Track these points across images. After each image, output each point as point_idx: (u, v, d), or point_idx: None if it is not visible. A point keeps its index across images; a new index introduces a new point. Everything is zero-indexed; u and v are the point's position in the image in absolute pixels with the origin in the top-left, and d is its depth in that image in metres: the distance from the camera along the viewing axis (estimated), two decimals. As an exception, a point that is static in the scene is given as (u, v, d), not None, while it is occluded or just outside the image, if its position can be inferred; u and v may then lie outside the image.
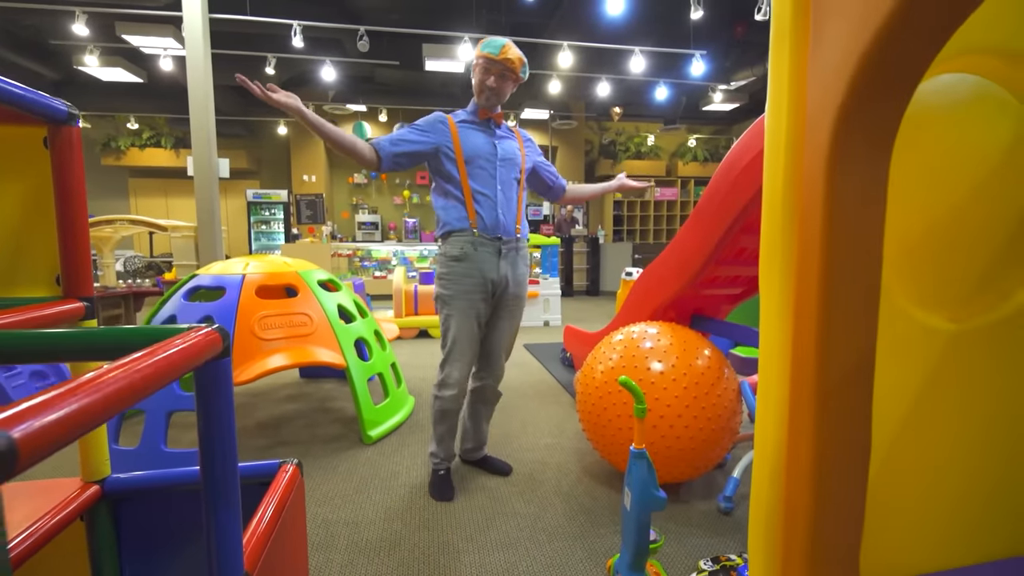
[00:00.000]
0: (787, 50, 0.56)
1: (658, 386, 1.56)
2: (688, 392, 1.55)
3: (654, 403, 1.54)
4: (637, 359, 1.64)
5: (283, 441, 2.31)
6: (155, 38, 5.52)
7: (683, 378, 1.57)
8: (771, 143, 0.59)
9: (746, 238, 1.70)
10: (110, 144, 8.58)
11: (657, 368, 1.59)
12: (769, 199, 0.60)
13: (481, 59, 1.58)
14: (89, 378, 0.44)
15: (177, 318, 2.08)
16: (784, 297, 0.58)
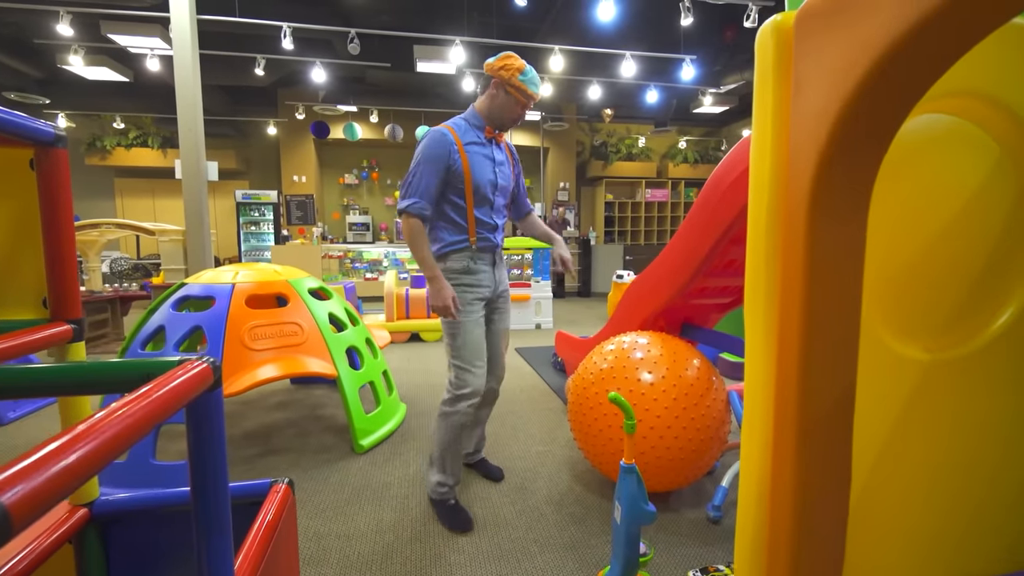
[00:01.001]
0: (770, 94, 0.57)
1: (648, 397, 1.58)
2: (678, 403, 1.57)
3: (644, 413, 1.56)
4: (628, 369, 1.66)
5: (273, 450, 2.30)
6: (142, 38, 5.44)
7: (673, 389, 1.59)
8: (755, 184, 0.61)
9: (735, 249, 1.72)
10: (95, 144, 8.45)
11: (647, 379, 1.61)
12: (753, 237, 0.61)
13: (519, 90, 1.59)
14: (82, 431, 0.43)
15: (166, 328, 2.06)
16: (767, 332, 0.59)
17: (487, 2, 5.35)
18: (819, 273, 0.54)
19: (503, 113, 1.64)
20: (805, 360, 0.54)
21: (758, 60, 0.59)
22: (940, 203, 0.67)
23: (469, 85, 6.11)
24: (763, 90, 0.58)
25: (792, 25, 0.54)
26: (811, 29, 0.52)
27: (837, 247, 0.54)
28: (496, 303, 1.81)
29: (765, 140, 0.57)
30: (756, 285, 0.61)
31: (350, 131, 7.88)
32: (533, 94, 1.60)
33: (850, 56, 0.47)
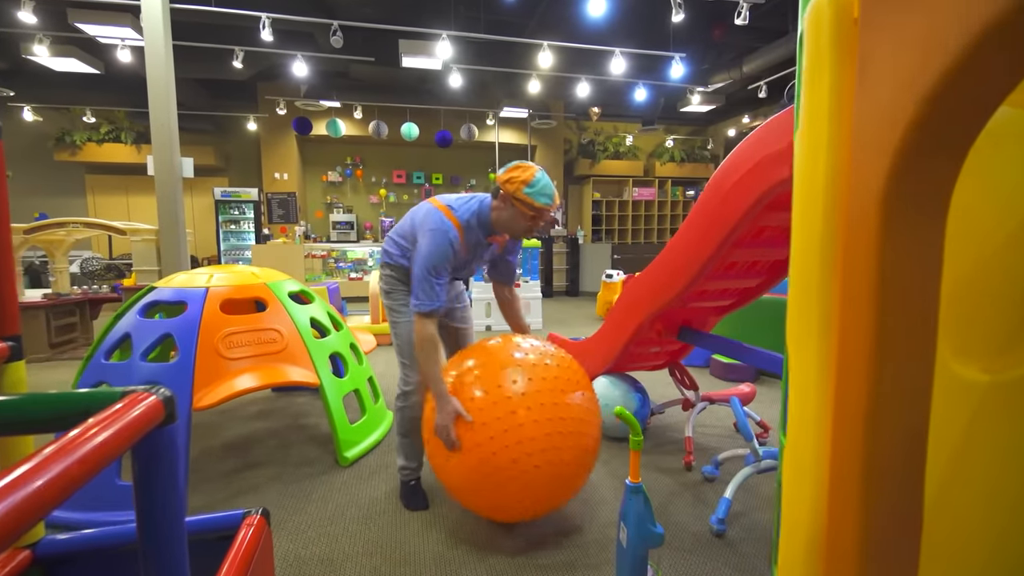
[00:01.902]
0: (825, 84, 0.48)
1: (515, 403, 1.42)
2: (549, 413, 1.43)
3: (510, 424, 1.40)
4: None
5: (252, 464, 2.17)
6: (112, 27, 5.19)
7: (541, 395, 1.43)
8: (804, 188, 0.52)
9: (737, 252, 1.65)
10: (64, 139, 8.10)
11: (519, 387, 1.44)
12: (802, 250, 0.52)
13: (525, 204, 1.50)
14: (9, 482, 0.36)
15: (132, 337, 1.92)
16: (822, 368, 0.50)
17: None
18: (891, 292, 0.45)
19: (512, 225, 1.58)
20: (874, 393, 0.46)
21: (809, 42, 0.51)
22: (1005, 209, 0.59)
23: (456, 81, 5.98)
24: (815, 79, 0.49)
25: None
26: (886, 3, 0.43)
27: (912, 263, 0.45)
28: (453, 313, 1.91)
29: (819, 138, 0.49)
30: (806, 306, 0.52)
31: (333, 127, 7.69)
32: (542, 207, 1.50)
33: (939, 36, 0.39)
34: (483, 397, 1.44)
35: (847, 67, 0.47)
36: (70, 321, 4.37)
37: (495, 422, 1.40)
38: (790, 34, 5.59)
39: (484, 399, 1.44)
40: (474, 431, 1.42)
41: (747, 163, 1.40)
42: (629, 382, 2.34)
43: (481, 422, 1.42)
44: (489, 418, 1.41)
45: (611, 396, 2.29)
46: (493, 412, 1.41)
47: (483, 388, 1.46)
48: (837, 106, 0.47)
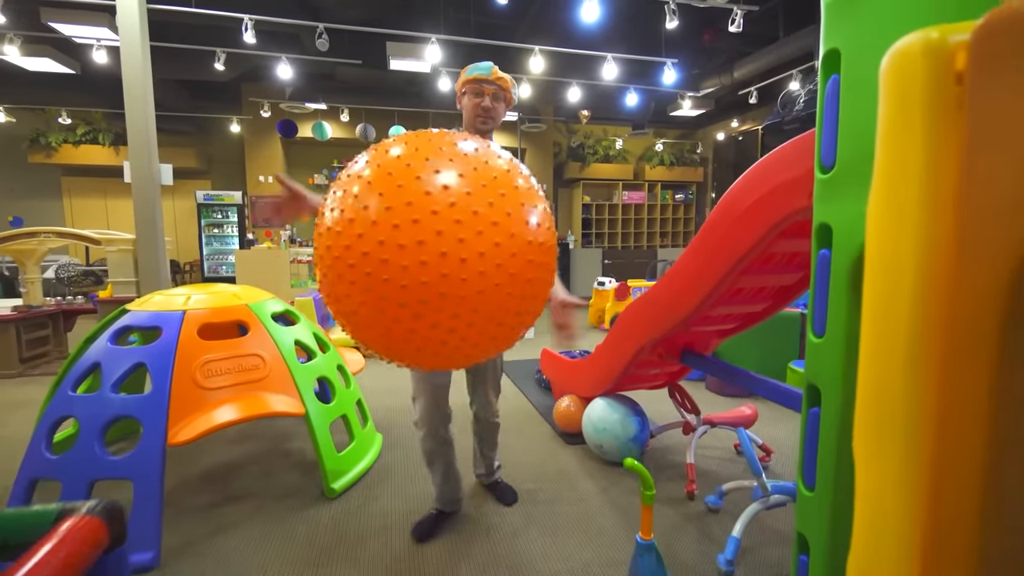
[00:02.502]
0: (918, 149, 0.40)
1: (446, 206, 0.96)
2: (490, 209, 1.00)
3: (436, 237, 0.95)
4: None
5: (233, 496, 2.05)
6: (87, 27, 5.00)
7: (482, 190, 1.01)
8: (883, 273, 0.44)
9: (745, 279, 1.58)
10: (39, 140, 7.82)
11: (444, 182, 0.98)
12: (878, 357, 0.44)
13: (470, 83, 1.53)
14: None
15: (102, 366, 1.79)
16: (906, 491, 0.42)
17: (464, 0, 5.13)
18: (1012, 431, 0.37)
19: (474, 112, 1.57)
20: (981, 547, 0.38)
21: (890, 95, 0.42)
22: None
23: (445, 84, 5.87)
24: (902, 141, 0.41)
25: (966, 47, 0.37)
26: (1009, 54, 0.35)
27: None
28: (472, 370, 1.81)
29: (907, 215, 0.41)
30: (884, 415, 0.44)
31: (319, 130, 7.53)
32: (478, 75, 1.52)
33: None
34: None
35: (947, 132, 0.38)
36: (42, 334, 4.17)
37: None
38: (781, 40, 5.58)
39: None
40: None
41: (761, 188, 1.33)
42: (628, 405, 2.26)
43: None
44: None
45: (609, 420, 2.22)
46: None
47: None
48: (934, 181, 0.39)
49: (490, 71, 1.52)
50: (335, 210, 1.02)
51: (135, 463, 1.64)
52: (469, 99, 1.54)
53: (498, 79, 1.52)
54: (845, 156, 1.01)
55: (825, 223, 1.06)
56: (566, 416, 2.57)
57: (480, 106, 1.53)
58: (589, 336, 5.45)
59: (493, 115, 1.56)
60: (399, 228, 0.95)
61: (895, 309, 0.41)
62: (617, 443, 2.21)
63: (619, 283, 5.58)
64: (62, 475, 1.62)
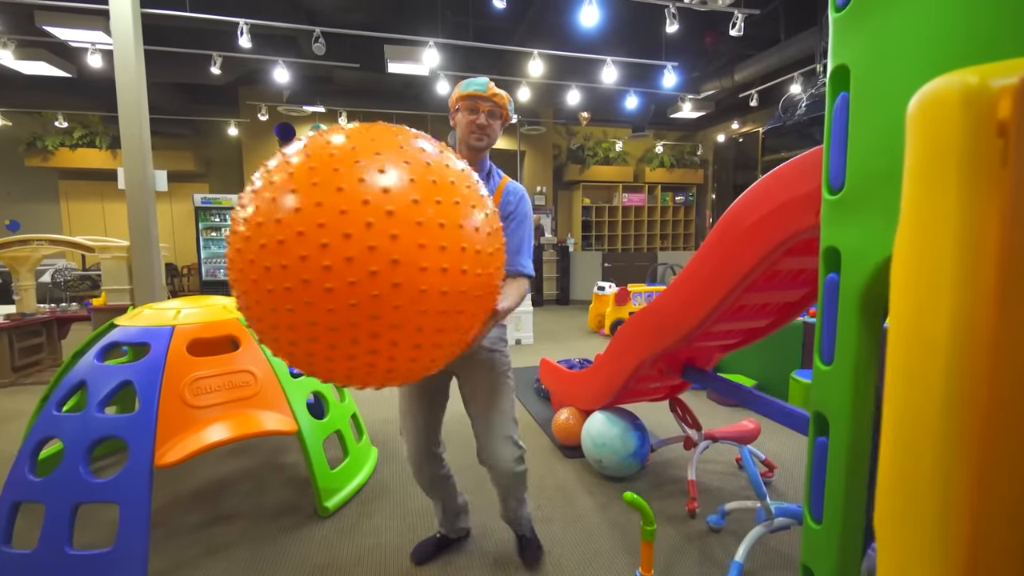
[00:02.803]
0: (952, 206, 0.35)
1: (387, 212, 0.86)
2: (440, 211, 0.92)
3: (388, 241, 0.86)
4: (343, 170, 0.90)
5: (223, 515, 2.00)
6: (83, 31, 4.97)
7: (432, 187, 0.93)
8: (909, 335, 0.39)
9: (748, 296, 1.53)
10: (36, 143, 7.79)
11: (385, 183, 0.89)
12: (906, 425, 0.39)
13: (465, 99, 1.45)
14: None
15: (88, 384, 1.74)
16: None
17: (462, 2, 5.08)
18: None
19: (468, 129, 1.46)
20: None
21: (921, 147, 0.38)
22: None
23: (443, 88, 5.83)
24: (935, 200, 0.36)
25: (1012, 93, 0.33)
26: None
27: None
28: (453, 373, 1.54)
29: (941, 285, 0.36)
30: (911, 491, 0.39)
31: None
32: (474, 92, 1.43)
33: None
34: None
35: (988, 191, 0.34)
36: (35, 342, 4.13)
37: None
38: (782, 42, 5.53)
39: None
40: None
41: (768, 204, 1.28)
42: (627, 419, 2.22)
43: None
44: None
45: (608, 435, 2.17)
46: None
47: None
48: (972, 248, 0.34)
49: (486, 87, 1.45)
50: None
51: (121, 486, 1.59)
52: (463, 115, 1.46)
53: (494, 95, 1.45)
54: (855, 177, 0.96)
55: (833, 246, 1.01)
56: (565, 429, 2.53)
57: (475, 123, 1.44)
58: (590, 341, 5.40)
59: (488, 132, 1.47)
60: (325, 227, 0.85)
61: (926, 388, 0.37)
62: (617, 458, 2.16)
63: (619, 288, 5.54)
64: (45, 498, 1.58)
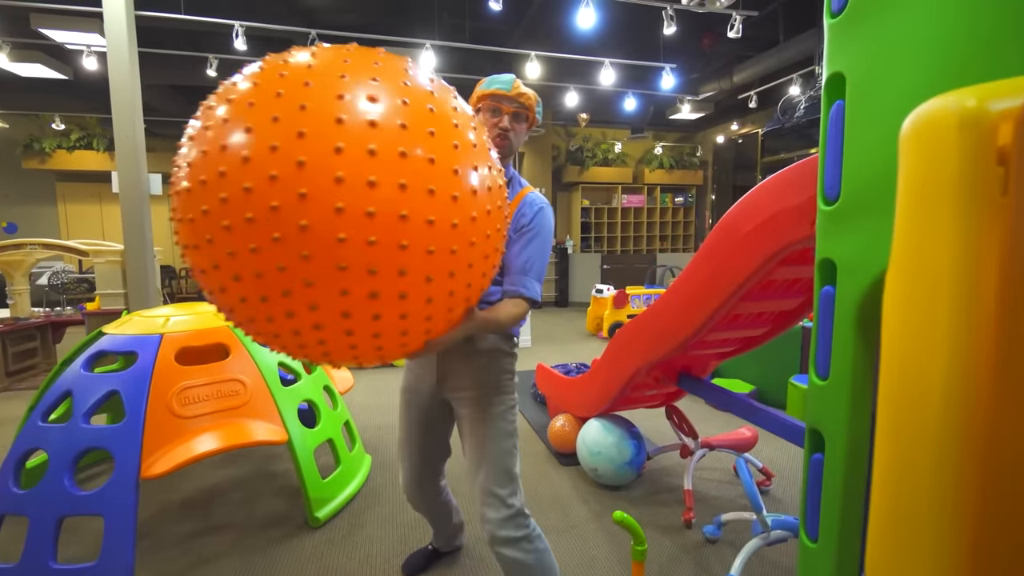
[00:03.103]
0: (945, 239, 0.33)
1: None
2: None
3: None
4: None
5: (213, 526, 1.98)
6: (78, 33, 4.95)
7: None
8: (901, 375, 0.36)
9: (744, 305, 1.51)
10: (33, 145, 7.76)
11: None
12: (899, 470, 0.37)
13: (487, 98, 1.26)
14: None
15: (74, 394, 1.72)
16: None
17: (459, 4, 5.06)
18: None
19: (489, 132, 1.27)
20: None
21: (915, 173, 0.35)
22: None
23: (441, 90, 5.80)
24: (930, 231, 0.34)
25: (1013, 118, 0.30)
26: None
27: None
28: (450, 403, 1.34)
29: (936, 324, 0.33)
30: (907, 541, 0.37)
31: None
32: (498, 90, 1.25)
33: None
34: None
35: (988, 222, 0.31)
36: (30, 347, 4.11)
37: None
38: (781, 44, 5.50)
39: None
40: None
41: (762, 213, 1.26)
42: (623, 427, 2.19)
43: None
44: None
45: (604, 443, 2.14)
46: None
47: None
48: (970, 284, 0.32)
49: (511, 85, 1.26)
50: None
51: (106, 498, 1.56)
52: (484, 116, 1.27)
53: (519, 95, 1.26)
54: (851, 188, 0.94)
55: (829, 258, 0.99)
56: (560, 436, 2.50)
57: (497, 126, 1.26)
58: (588, 344, 5.38)
59: (511, 137, 1.27)
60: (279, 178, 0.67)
61: (919, 450, 0.34)
62: (612, 467, 2.14)
63: (617, 291, 5.51)
64: (30, 511, 1.55)
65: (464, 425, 1.30)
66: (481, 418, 1.26)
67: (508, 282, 1.22)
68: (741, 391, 3.23)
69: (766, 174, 8.64)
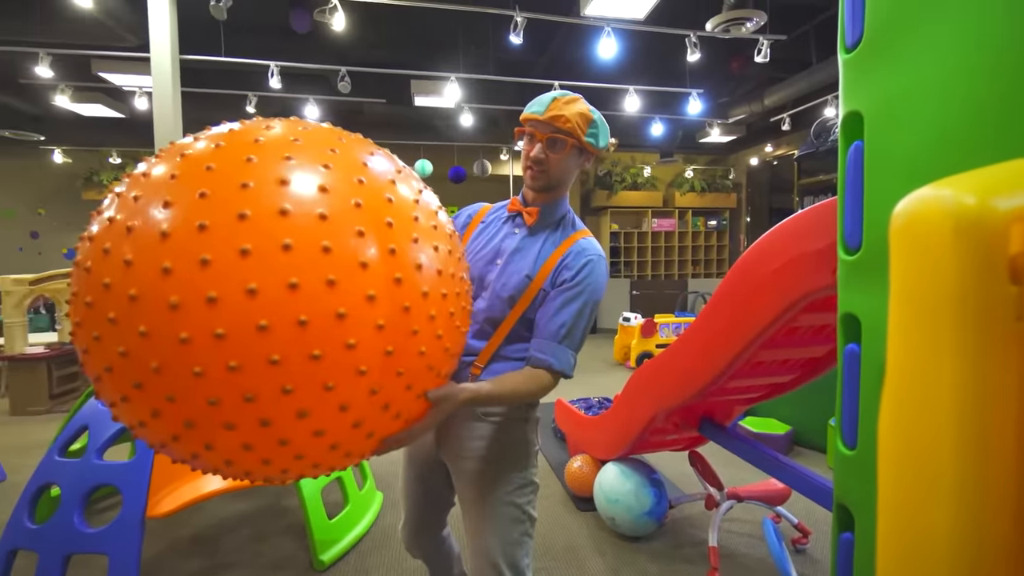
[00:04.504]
0: (946, 355, 0.25)
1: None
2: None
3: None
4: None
5: (221, 564, 1.95)
6: (133, 76, 5.35)
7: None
8: (900, 519, 0.29)
9: (765, 353, 1.39)
10: (92, 178, 8.34)
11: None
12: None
13: (525, 124, 1.08)
14: None
15: (90, 429, 1.75)
16: None
17: (483, 36, 5.17)
18: None
19: (523, 165, 1.11)
20: None
21: (903, 276, 0.29)
22: None
23: (467, 120, 5.92)
24: (925, 360, 0.27)
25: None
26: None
27: None
28: (451, 466, 1.14)
29: (939, 480, 0.26)
30: None
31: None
32: (528, 116, 1.07)
33: None
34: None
35: (998, 353, 0.24)
36: (73, 371, 4.30)
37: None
38: (814, 66, 5.35)
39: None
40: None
41: (780, 256, 1.17)
42: (643, 473, 2.06)
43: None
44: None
45: (622, 491, 2.02)
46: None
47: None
48: (977, 429, 0.24)
49: (545, 107, 1.04)
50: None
51: (112, 537, 1.56)
52: (524, 144, 1.09)
53: (554, 117, 1.02)
54: (874, 237, 0.84)
55: (852, 313, 0.89)
56: (578, 479, 2.38)
57: (529, 155, 1.06)
58: (614, 375, 5.21)
59: (548, 169, 1.05)
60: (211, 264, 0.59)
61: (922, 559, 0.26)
62: (631, 517, 2.01)
63: (645, 319, 5.35)
64: (40, 547, 1.57)
65: (461, 503, 1.12)
66: (481, 499, 1.06)
67: (536, 347, 1.01)
68: (776, 432, 3.02)
69: (803, 196, 8.27)
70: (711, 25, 3.88)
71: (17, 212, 8.63)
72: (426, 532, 1.36)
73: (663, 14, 3.78)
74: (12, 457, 2.95)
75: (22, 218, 8.68)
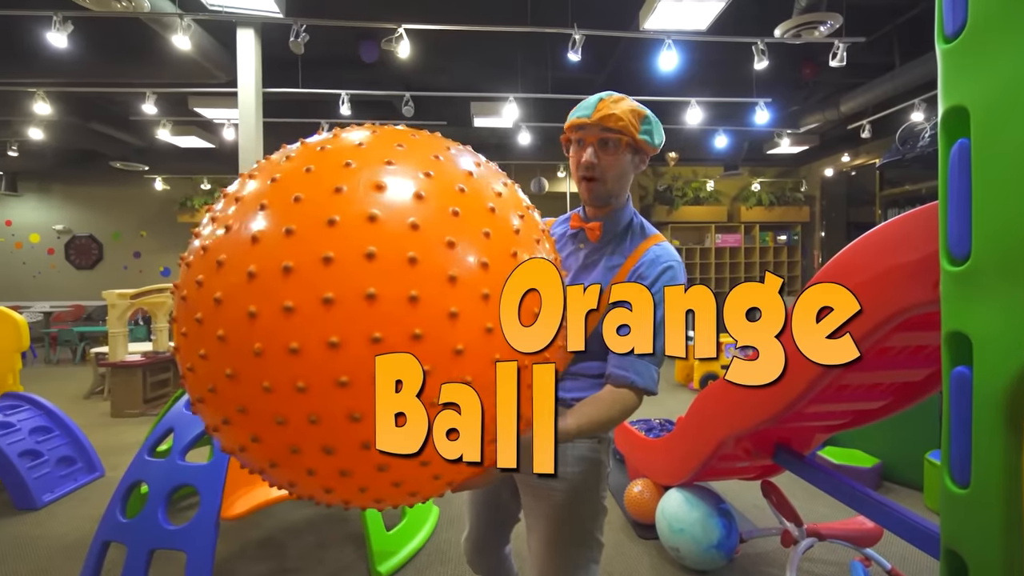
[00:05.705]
0: None
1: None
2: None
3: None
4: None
5: (285, 569, 2.03)
6: (222, 110, 5.90)
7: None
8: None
9: (850, 376, 1.27)
10: (186, 203, 9.22)
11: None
12: None
13: (571, 130, 1.03)
14: None
15: (175, 431, 1.89)
16: None
17: (541, 55, 5.24)
18: None
19: (575, 178, 1.07)
20: None
21: None
22: None
23: (525, 139, 6.01)
24: None
25: None
26: None
27: None
28: (521, 484, 1.11)
29: None
30: None
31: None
32: (575, 122, 1.01)
33: None
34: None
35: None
36: (164, 377, 4.70)
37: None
38: (897, 68, 4.97)
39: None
40: None
41: (866, 270, 1.06)
42: (710, 502, 1.93)
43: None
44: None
45: (687, 520, 1.90)
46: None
47: None
48: None
49: (592, 109, 0.98)
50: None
51: (190, 535, 1.66)
52: (573, 152, 1.05)
53: (602, 118, 0.96)
54: (986, 244, 0.75)
55: (960, 331, 0.78)
56: (639, 504, 2.27)
57: (579, 163, 1.01)
58: (677, 396, 4.98)
59: (602, 174, 1.00)
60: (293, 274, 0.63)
61: None
62: (697, 548, 1.88)
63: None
64: (128, 540, 1.69)
65: (528, 523, 1.08)
66: (548, 521, 1.02)
67: (616, 362, 0.92)
68: (862, 465, 2.75)
69: (887, 208, 7.64)
70: (780, 31, 3.71)
71: (122, 234, 9.67)
72: (489, 548, 1.34)
73: (727, 22, 3.66)
74: (111, 455, 3.24)
75: (127, 240, 9.71)
